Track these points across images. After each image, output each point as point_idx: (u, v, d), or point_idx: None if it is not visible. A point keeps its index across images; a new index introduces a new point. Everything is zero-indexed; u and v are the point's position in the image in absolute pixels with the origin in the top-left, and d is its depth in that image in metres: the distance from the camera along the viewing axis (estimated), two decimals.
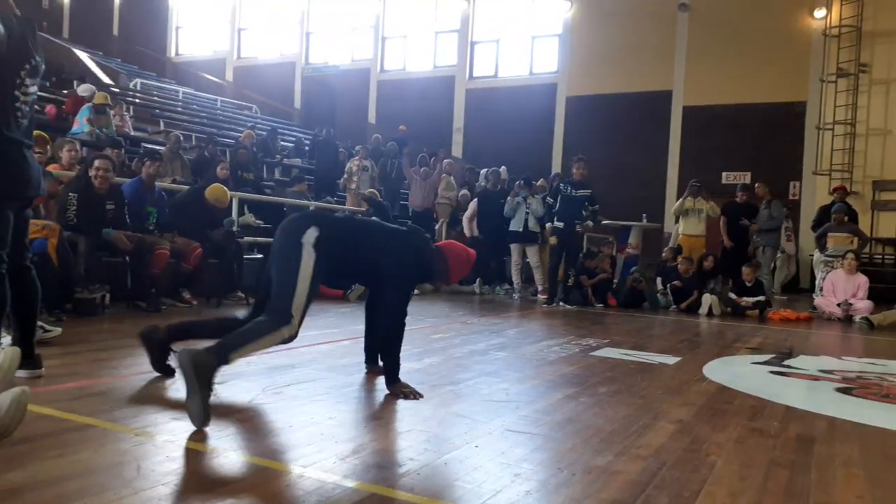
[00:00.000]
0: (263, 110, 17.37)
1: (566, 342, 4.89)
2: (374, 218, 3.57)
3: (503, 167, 10.20)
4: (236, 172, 8.73)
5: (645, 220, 11.08)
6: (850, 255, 7.90)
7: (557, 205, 8.15)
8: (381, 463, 2.07)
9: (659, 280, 8.50)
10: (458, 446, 2.29)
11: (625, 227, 10.87)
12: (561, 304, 7.95)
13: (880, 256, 10.79)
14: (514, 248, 8.98)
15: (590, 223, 8.33)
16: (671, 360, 4.30)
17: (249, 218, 7.75)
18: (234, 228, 6.78)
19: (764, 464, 2.22)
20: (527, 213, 8.76)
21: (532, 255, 8.88)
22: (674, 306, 8.03)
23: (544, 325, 6.26)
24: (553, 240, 8.27)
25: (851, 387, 3.66)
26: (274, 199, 8.83)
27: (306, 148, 12.43)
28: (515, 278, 9.08)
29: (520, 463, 2.12)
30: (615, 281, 8.85)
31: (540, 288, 8.78)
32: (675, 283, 8.01)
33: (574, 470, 2.06)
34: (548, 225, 8.39)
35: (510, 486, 1.91)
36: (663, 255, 8.94)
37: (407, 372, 3.47)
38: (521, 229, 8.78)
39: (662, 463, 2.17)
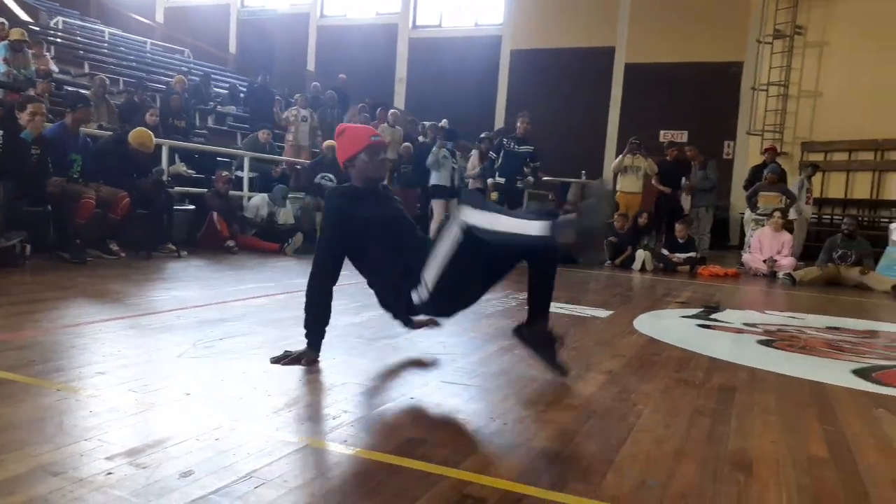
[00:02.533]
0: (196, 55, 16.64)
1: (504, 296, 4.95)
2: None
3: (444, 120, 10.11)
4: (167, 119, 8.38)
5: (584, 177, 11.21)
6: (777, 214, 8.21)
7: (500, 160, 8.16)
8: (315, 416, 2.06)
9: None
10: (393, 398, 2.29)
11: (565, 183, 10.99)
12: None
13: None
14: (438, 204, 8.78)
15: (531, 179, 8.39)
16: (604, 313, 4.41)
17: (180, 167, 7.48)
18: (164, 178, 6.54)
19: (688, 412, 2.31)
20: (454, 169, 8.65)
21: (438, 208, 8.75)
22: (609, 261, 8.22)
23: None
24: (494, 195, 8.29)
25: (772, 339, 3.83)
26: (207, 147, 8.53)
27: (241, 95, 12.02)
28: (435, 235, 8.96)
29: (454, 413, 2.15)
30: None
31: None
32: (611, 238, 8.18)
33: (506, 419, 2.10)
34: (489, 180, 8.40)
35: (445, 436, 1.92)
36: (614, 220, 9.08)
37: (345, 326, 3.46)
38: (447, 184, 8.66)
39: (592, 412, 2.23)
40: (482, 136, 9.45)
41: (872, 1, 10.89)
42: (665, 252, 8.15)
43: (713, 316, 4.60)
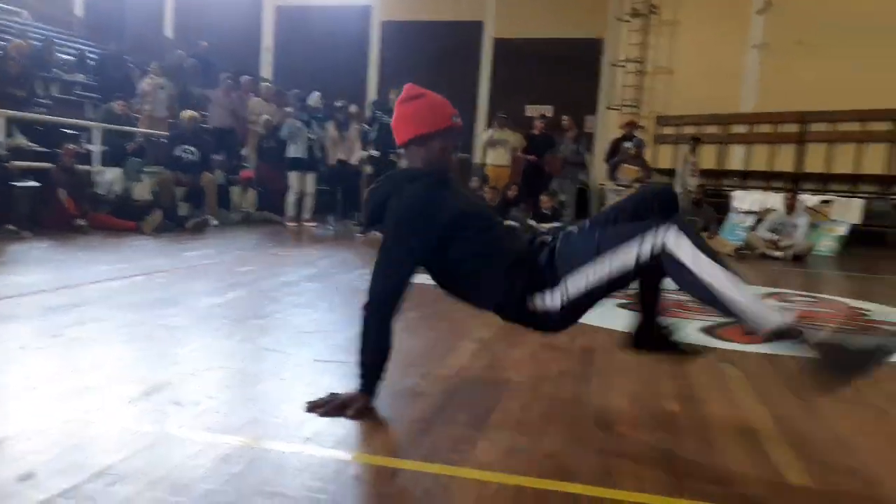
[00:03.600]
0: (36, 17, 15.10)
1: None
2: None
3: (317, 93, 9.82)
4: (4, 88, 7.57)
5: (457, 151, 11.34)
6: (636, 186, 8.70)
7: (373, 133, 8.07)
8: (177, 404, 1.95)
9: None
10: (263, 380, 2.22)
11: None
12: (376, 233, 7.98)
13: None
14: (294, 177, 8.54)
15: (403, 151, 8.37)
16: None
17: (20, 140, 6.80)
18: (2, 151, 5.92)
19: (554, 376, 2.40)
20: (310, 139, 8.42)
21: (310, 183, 8.60)
22: None
23: (359, 254, 6.25)
24: (368, 168, 8.21)
25: (629, 302, 4.07)
26: (50, 118, 7.81)
27: (91, 62, 11.06)
28: (292, 209, 8.59)
29: (327, 392, 2.11)
30: None
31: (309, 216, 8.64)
32: None
33: (380, 395, 2.09)
34: (362, 153, 8.30)
35: (317, 415, 1.89)
36: (472, 184, 9.24)
37: (208, 307, 3.30)
38: (304, 156, 8.46)
39: (464, 381, 2.28)
40: (337, 104, 9.24)
41: None
42: (532, 223, 8.43)
43: None
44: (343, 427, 1.81)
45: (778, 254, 7.64)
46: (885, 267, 7.38)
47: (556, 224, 8.39)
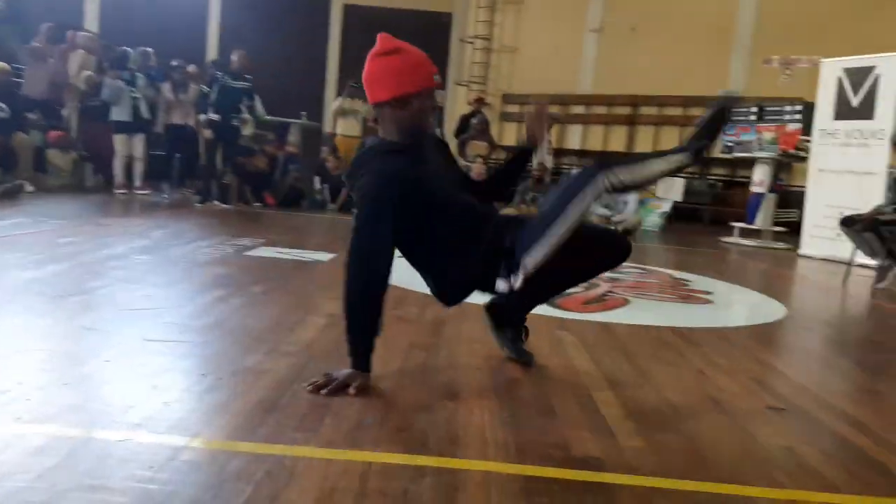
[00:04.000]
0: None
1: (220, 242, 4.67)
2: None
3: (143, 49, 9.03)
4: None
5: (305, 118, 10.99)
6: (479, 160, 8.91)
7: (214, 95, 7.59)
8: None
9: (317, 179, 8.60)
10: (83, 363, 2.02)
11: (284, 123, 10.65)
12: (216, 202, 7.56)
13: (503, 161, 12.42)
14: (119, 140, 7.91)
15: (247, 117, 7.97)
16: (326, 256, 4.39)
17: None
18: None
19: (404, 347, 2.39)
20: (134, 98, 7.84)
21: (138, 147, 8.03)
22: (331, 204, 8.24)
23: (197, 224, 5.90)
24: (208, 133, 7.73)
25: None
26: None
27: None
28: (120, 176, 8.01)
29: (159, 374, 1.95)
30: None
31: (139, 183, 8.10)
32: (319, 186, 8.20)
33: (220, 374, 1.97)
34: (201, 117, 7.80)
35: (147, 399, 1.74)
36: (321, 154, 9.00)
37: (23, 282, 2.96)
38: (129, 118, 7.87)
39: (311, 357, 2.20)
40: (173, 63, 8.62)
41: None
42: None
43: None
44: (178, 411, 1.68)
45: (611, 228, 8.17)
46: (702, 241, 8.15)
47: None
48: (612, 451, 1.64)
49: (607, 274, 4.62)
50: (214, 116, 7.51)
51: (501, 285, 1.96)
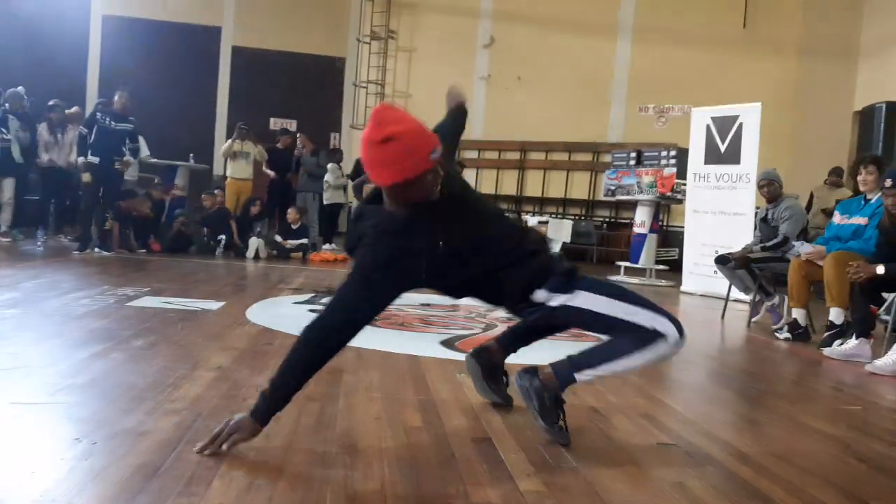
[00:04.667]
0: None
1: (99, 293, 4.38)
2: None
3: (21, 89, 8.50)
4: None
5: (193, 161, 10.63)
6: None
7: (93, 136, 7.20)
8: None
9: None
10: None
11: (171, 166, 10.27)
12: (97, 249, 7.12)
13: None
14: None
15: (130, 159, 7.61)
16: (215, 305, 4.21)
17: None
18: None
19: (299, 400, 2.29)
20: (4, 141, 7.47)
21: (8, 188, 7.69)
22: (220, 250, 7.96)
23: (74, 274, 5.51)
24: (87, 177, 7.31)
25: (376, 318, 4.12)
26: None
27: None
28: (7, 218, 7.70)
29: (26, 441, 1.78)
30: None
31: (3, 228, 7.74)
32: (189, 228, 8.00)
33: (96, 438, 1.82)
34: (80, 159, 7.37)
35: (10, 469, 1.58)
36: (203, 200, 8.66)
37: None
38: None
39: (198, 414, 2.08)
40: (50, 103, 8.19)
41: (449, 15, 12.54)
42: (278, 239, 8.21)
43: (324, 301, 4.77)
44: (45, 481, 1.53)
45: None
46: None
47: (303, 241, 8.26)
48: (511, 496, 1.64)
49: (504, 314, 4.70)
50: (94, 159, 7.12)
51: (541, 296, 2.03)
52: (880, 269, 3.73)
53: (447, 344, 3.53)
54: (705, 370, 3.58)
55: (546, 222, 10.66)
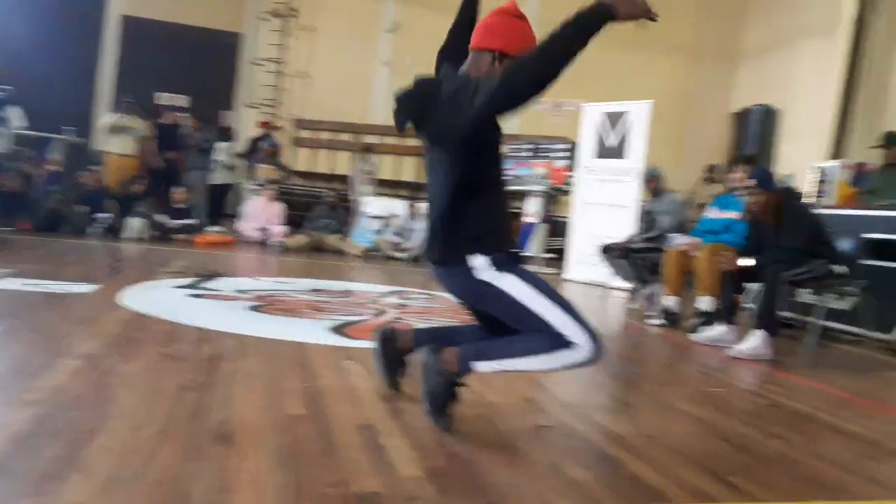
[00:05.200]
0: None
1: None
2: None
3: None
4: None
5: (70, 134, 9.91)
6: (271, 185, 8.68)
7: None
8: None
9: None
10: None
11: (46, 138, 9.52)
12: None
13: (296, 186, 12.19)
14: None
15: (2, 129, 7.01)
16: (88, 288, 3.94)
17: None
18: None
19: (173, 389, 2.19)
20: None
21: None
22: (99, 230, 7.48)
23: None
24: None
25: (262, 304, 4.00)
26: None
27: None
28: None
29: None
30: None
31: None
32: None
33: None
34: None
35: None
36: (80, 177, 8.12)
37: None
38: None
39: (59, 405, 1.93)
40: None
41: None
42: (161, 219, 7.81)
43: (207, 285, 4.58)
44: None
45: (401, 255, 8.35)
46: None
47: (188, 221, 7.89)
48: (391, 483, 1.63)
49: (395, 300, 4.70)
50: None
51: (476, 261, 2.00)
52: (749, 261, 4.00)
53: (336, 330, 3.47)
54: None
55: None
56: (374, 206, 9.80)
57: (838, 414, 2.71)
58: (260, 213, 8.50)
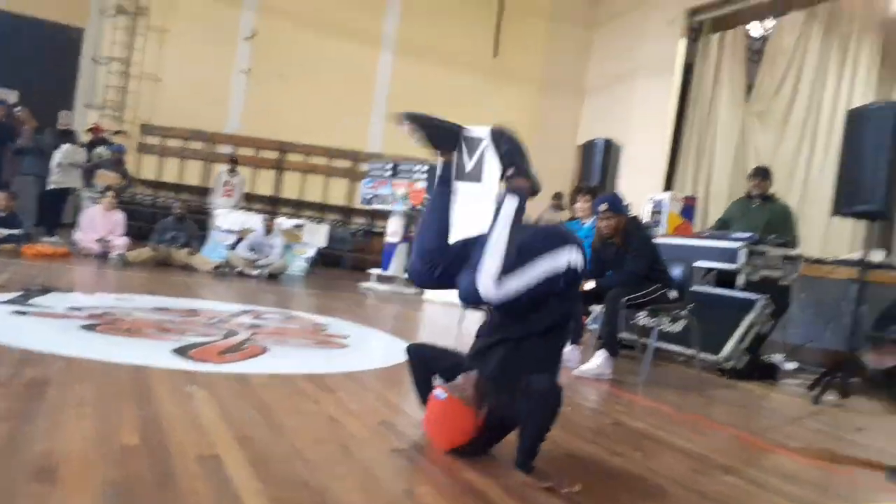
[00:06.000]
0: None
1: None
2: None
3: None
4: None
5: None
6: (110, 193, 8.06)
7: None
8: None
9: None
10: None
11: None
12: None
13: (140, 196, 11.41)
14: None
15: None
16: None
17: None
18: None
19: None
20: None
21: None
22: None
23: None
24: None
25: (97, 323, 3.68)
26: None
27: None
28: None
29: None
30: None
31: None
32: None
33: None
34: None
35: None
36: None
37: None
38: None
39: None
40: None
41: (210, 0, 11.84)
42: None
43: (34, 301, 4.15)
44: None
45: (255, 272, 8.05)
46: (343, 286, 8.51)
47: (14, 231, 7.14)
48: None
49: (248, 320, 4.50)
50: None
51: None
52: (591, 285, 4.24)
53: (180, 352, 3.26)
54: None
55: (302, 226, 10.52)
56: (227, 219, 9.40)
57: (672, 430, 2.92)
58: (99, 223, 7.86)
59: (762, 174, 5.81)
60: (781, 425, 2.82)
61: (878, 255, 5.85)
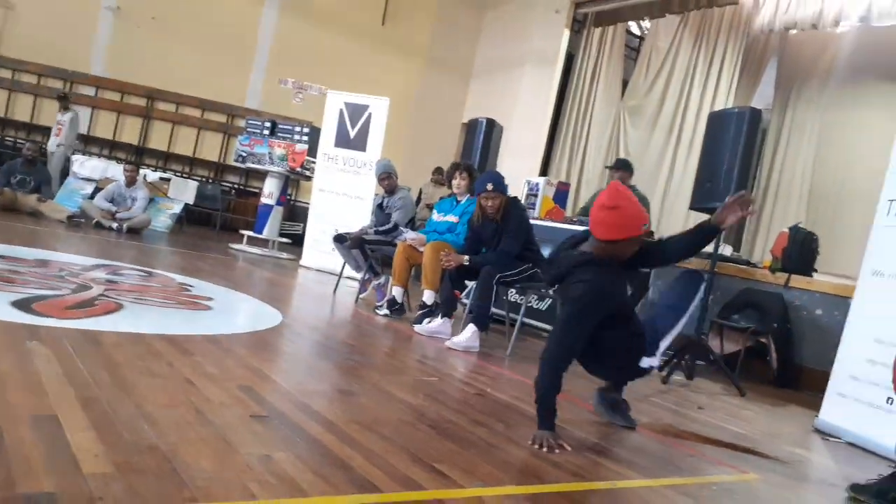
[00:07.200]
0: None
1: None
2: None
3: None
4: None
5: None
6: None
7: None
8: None
9: None
10: None
11: None
12: None
13: None
14: None
15: None
16: None
17: None
18: None
19: None
20: None
21: None
22: None
23: None
24: None
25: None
26: None
27: None
28: None
29: None
30: None
31: None
32: None
33: None
34: None
35: None
36: None
37: None
38: None
39: None
40: None
41: None
42: None
43: None
44: None
45: (114, 225, 7.51)
46: (211, 246, 8.13)
47: None
48: (70, 482, 1.42)
49: (104, 276, 4.19)
50: None
51: (647, 362, 2.73)
52: (465, 260, 4.30)
53: (21, 305, 2.98)
54: (310, 342, 3.68)
55: (169, 180, 9.94)
56: (85, 166, 8.70)
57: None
58: None
59: (622, 165, 6.14)
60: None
61: (726, 250, 6.35)
